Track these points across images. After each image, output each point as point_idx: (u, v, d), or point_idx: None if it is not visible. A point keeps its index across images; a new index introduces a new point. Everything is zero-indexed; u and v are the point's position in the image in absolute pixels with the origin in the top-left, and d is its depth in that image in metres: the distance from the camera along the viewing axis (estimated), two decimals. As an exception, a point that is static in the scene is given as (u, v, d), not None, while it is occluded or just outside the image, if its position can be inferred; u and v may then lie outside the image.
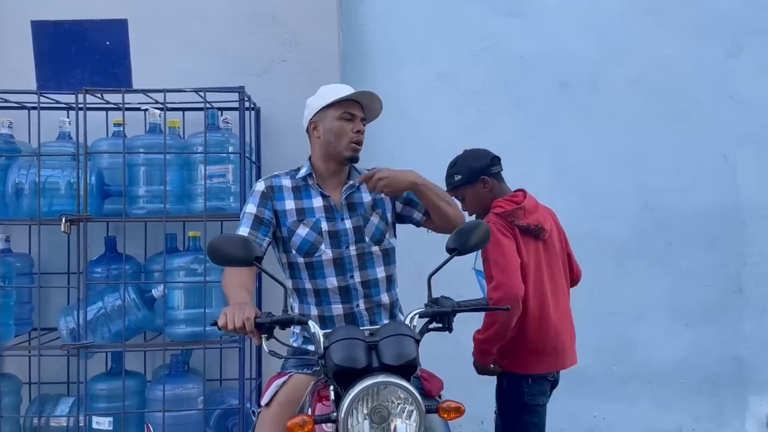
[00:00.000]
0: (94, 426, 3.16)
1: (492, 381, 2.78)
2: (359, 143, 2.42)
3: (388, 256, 2.49)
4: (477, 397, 3.63)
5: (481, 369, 2.66)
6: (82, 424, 3.13)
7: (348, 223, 2.41)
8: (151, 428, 3.18)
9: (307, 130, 2.50)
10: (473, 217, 2.76)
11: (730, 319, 3.92)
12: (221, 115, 3.36)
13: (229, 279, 2.23)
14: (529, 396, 2.58)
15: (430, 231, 2.64)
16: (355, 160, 2.44)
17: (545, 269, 2.66)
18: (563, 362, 2.67)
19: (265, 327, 1.95)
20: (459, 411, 1.86)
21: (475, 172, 2.70)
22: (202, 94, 3.13)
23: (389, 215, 2.52)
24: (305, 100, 2.50)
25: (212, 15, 3.61)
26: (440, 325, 2.06)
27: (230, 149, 3.25)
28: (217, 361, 3.50)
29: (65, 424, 3.23)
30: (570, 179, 3.90)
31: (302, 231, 2.38)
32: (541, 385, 2.61)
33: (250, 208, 2.39)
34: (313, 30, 3.66)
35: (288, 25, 3.64)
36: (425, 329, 2.05)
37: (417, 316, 2.04)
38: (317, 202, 2.42)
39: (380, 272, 2.45)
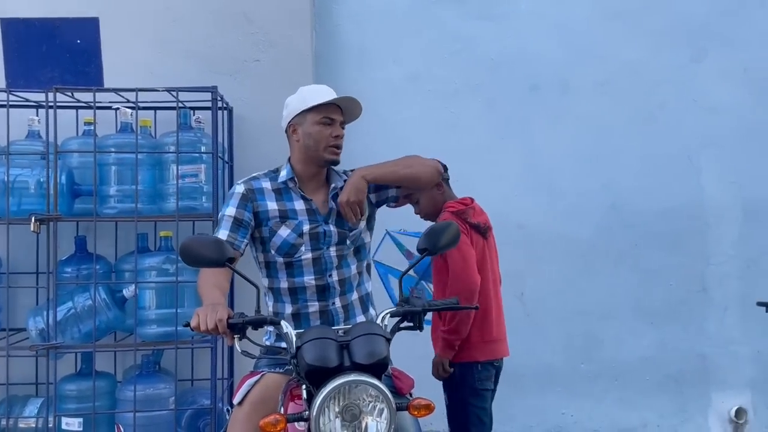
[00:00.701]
0: (64, 427, 3.14)
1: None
2: (339, 147, 2.43)
3: (359, 253, 2.52)
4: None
5: (441, 369, 2.79)
6: (51, 425, 3.10)
7: (332, 227, 2.43)
8: (121, 429, 3.17)
9: (286, 131, 2.49)
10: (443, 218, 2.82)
11: (694, 318, 4.02)
12: (194, 115, 3.36)
13: (204, 279, 2.23)
14: (478, 381, 2.78)
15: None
16: (336, 163, 2.45)
17: (489, 266, 2.85)
18: (505, 349, 2.90)
19: (237, 328, 1.96)
20: (429, 408, 1.90)
21: None
22: (174, 93, 3.13)
23: (368, 212, 2.53)
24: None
25: (185, 14, 3.60)
26: (411, 324, 2.09)
27: (203, 149, 3.25)
28: (189, 361, 3.49)
29: (34, 425, 3.20)
30: (539, 180, 3.97)
31: (283, 232, 2.38)
32: (489, 371, 2.81)
33: (230, 210, 2.37)
34: (286, 30, 3.66)
35: (261, 24, 3.65)
36: (396, 328, 2.08)
37: (388, 315, 2.07)
38: (299, 205, 2.42)
39: (353, 269, 2.48)
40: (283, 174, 2.44)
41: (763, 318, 3.59)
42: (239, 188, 2.43)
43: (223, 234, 2.34)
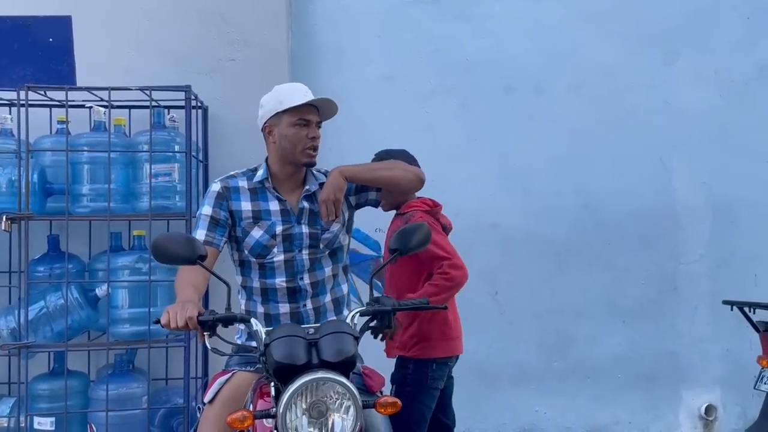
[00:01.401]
0: (36, 426, 3.13)
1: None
2: (315, 149, 2.41)
3: (335, 255, 2.51)
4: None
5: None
6: (23, 425, 3.09)
7: (305, 228, 2.42)
8: (94, 428, 3.16)
9: (262, 131, 2.47)
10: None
11: (665, 316, 4.08)
12: (168, 114, 3.35)
13: (180, 277, 2.23)
14: (431, 380, 2.82)
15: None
16: (312, 165, 2.44)
17: None
18: (461, 347, 2.92)
19: (208, 325, 1.97)
20: (395, 406, 1.92)
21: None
22: (147, 92, 3.12)
23: (347, 215, 2.54)
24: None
25: (159, 13, 3.59)
26: (380, 323, 2.11)
27: (176, 148, 3.25)
28: (163, 361, 3.48)
29: (6, 425, 3.18)
30: (513, 180, 4.01)
31: (256, 233, 2.38)
32: (443, 370, 2.85)
33: (206, 209, 2.37)
34: (262, 29, 3.67)
35: (237, 24, 3.65)
36: (365, 327, 2.10)
37: (358, 314, 2.08)
38: (273, 205, 2.41)
39: (327, 271, 2.47)
40: (260, 173, 2.44)
41: (732, 317, 3.68)
42: (215, 186, 2.42)
43: (200, 233, 2.34)
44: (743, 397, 4.05)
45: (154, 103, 3.20)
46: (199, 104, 3.44)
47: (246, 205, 2.40)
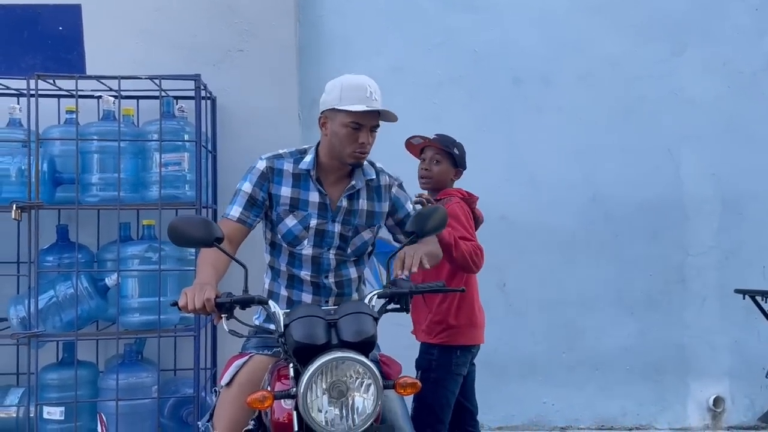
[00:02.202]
0: (45, 416, 3.12)
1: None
2: (364, 152, 2.31)
3: (360, 260, 2.49)
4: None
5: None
6: (32, 415, 3.09)
7: (337, 227, 2.37)
8: (104, 418, 3.15)
9: (319, 118, 2.38)
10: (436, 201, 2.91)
11: (673, 308, 4.08)
12: (177, 104, 3.34)
13: (202, 257, 2.20)
14: (455, 366, 2.82)
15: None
16: (358, 166, 2.37)
17: None
18: (482, 336, 2.94)
19: (225, 307, 1.96)
20: (415, 386, 1.92)
21: (464, 162, 3.01)
22: (157, 81, 3.12)
23: (380, 227, 2.51)
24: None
25: (168, 3, 3.59)
26: (398, 306, 2.10)
27: (186, 137, 3.24)
28: (172, 351, 3.48)
29: (15, 415, 3.18)
30: (521, 172, 4.01)
31: (290, 222, 2.35)
32: (466, 357, 2.86)
33: (246, 186, 2.33)
34: (269, 20, 3.67)
35: (245, 15, 3.64)
36: (383, 309, 2.09)
37: (375, 296, 2.07)
38: (313, 197, 2.36)
39: (353, 273, 2.45)
40: (307, 160, 2.36)
41: (740, 308, 3.68)
42: (260, 165, 2.35)
43: (236, 210, 2.31)
44: (752, 389, 4.05)
45: (163, 93, 3.19)
46: (207, 94, 3.43)
47: (286, 191, 2.35)
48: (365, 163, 2.42)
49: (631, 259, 4.05)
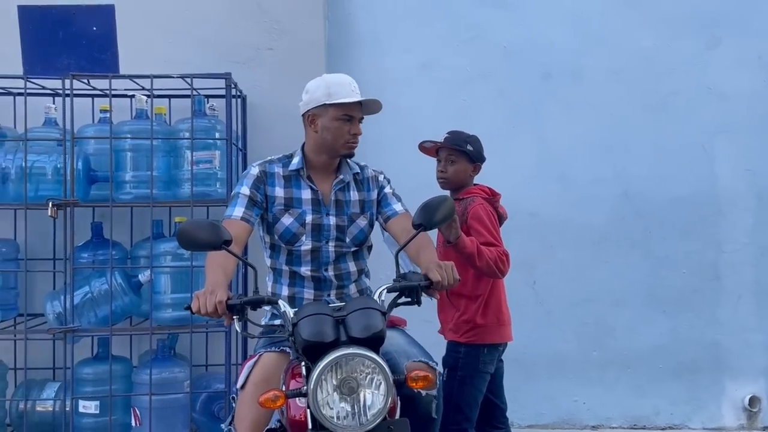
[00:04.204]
0: (81, 410, 3.19)
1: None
2: (356, 143, 2.46)
3: (360, 253, 2.55)
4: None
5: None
6: (68, 409, 3.15)
7: (332, 220, 2.46)
8: (137, 412, 3.20)
9: (303, 117, 2.49)
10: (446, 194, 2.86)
11: (707, 306, 4.01)
12: (208, 102, 3.38)
13: (210, 260, 2.24)
14: (482, 364, 2.80)
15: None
16: (351, 156, 2.50)
17: None
18: (510, 334, 2.91)
19: (236, 309, 1.99)
20: (427, 380, 1.92)
21: (481, 156, 2.94)
22: (188, 80, 3.16)
23: (374, 216, 2.57)
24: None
25: (199, 3, 3.64)
26: (409, 299, 2.10)
27: (216, 135, 3.28)
28: (203, 346, 3.52)
29: (51, 409, 3.25)
30: (551, 168, 3.97)
31: (286, 220, 2.43)
32: (493, 355, 2.83)
33: (244, 189, 2.42)
34: (298, 18, 3.69)
35: (274, 13, 3.67)
36: (394, 304, 2.10)
37: (385, 291, 2.08)
38: (306, 194, 2.46)
39: (352, 266, 2.52)
40: (295, 161, 2.48)
41: (777, 306, 3.60)
42: (254, 170, 2.47)
43: (238, 210, 2.38)
44: (789, 388, 3.97)
45: (194, 92, 3.23)
46: (238, 93, 3.47)
47: (279, 191, 2.45)
48: (348, 160, 2.53)
49: (663, 256, 3.99)
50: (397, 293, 2.10)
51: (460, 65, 3.96)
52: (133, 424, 3.23)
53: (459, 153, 2.87)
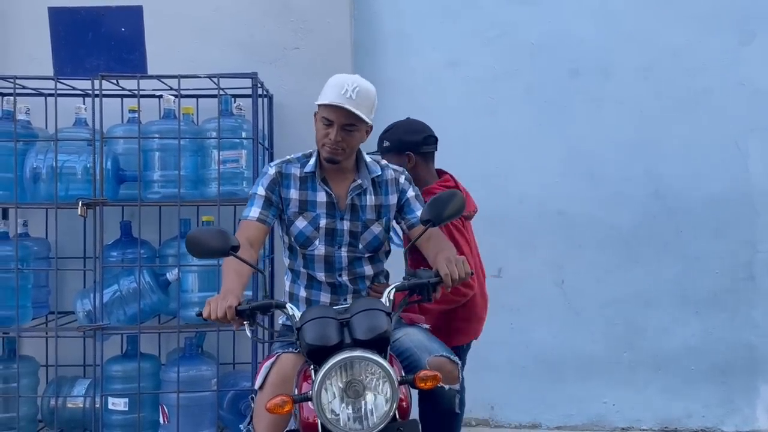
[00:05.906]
0: (110, 407, 3.22)
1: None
2: (336, 150, 2.35)
3: (375, 257, 2.53)
4: (486, 382, 3.69)
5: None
6: (98, 405, 3.19)
7: (346, 225, 2.44)
8: (165, 409, 3.23)
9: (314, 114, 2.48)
10: None
11: (741, 307, 3.92)
12: (234, 102, 3.40)
13: (226, 264, 2.25)
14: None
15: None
16: (332, 162, 2.39)
17: (473, 245, 2.82)
18: (479, 330, 2.86)
19: (246, 314, 1.99)
20: (435, 379, 1.90)
21: (403, 144, 2.81)
22: (215, 80, 3.17)
23: (391, 222, 2.55)
24: (318, 87, 2.47)
25: (226, 3, 3.66)
26: (421, 297, 2.09)
27: (243, 135, 3.30)
28: (231, 344, 3.54)
29: (81, 405, 3.29)
30: (580, 166, 3.91)
31: (300, 223, 2.43)
32: (461, 357, 2.73)
33: (260, 190, 2.43)
34: (325, 17, 3.69)
35: (300, 12, 3.67)
36: (405, 302, 2.08)
37: (394, 290, 2.07)
38: (321, 197, 2.44)
39: (368, 270, 2.50)
40: (311, 163, 2.45)
41: (813, 307, 3.50)
42: (270, 170, 2.46)
43: (254, 211, 2.39)
44: (825, 391, 3.87)
45: (221, 92, 3.25)
46: (264, 92, 3.48)
47: (294, 194, 2.44)
48: (369, 159, 2.49)
49: (695, 256, 3.91)
50: (408, 292, 2.08)
51: (487, 63, 3.93)
52: (161, 421, 3.25)
53: (383, 154, 2.77)
